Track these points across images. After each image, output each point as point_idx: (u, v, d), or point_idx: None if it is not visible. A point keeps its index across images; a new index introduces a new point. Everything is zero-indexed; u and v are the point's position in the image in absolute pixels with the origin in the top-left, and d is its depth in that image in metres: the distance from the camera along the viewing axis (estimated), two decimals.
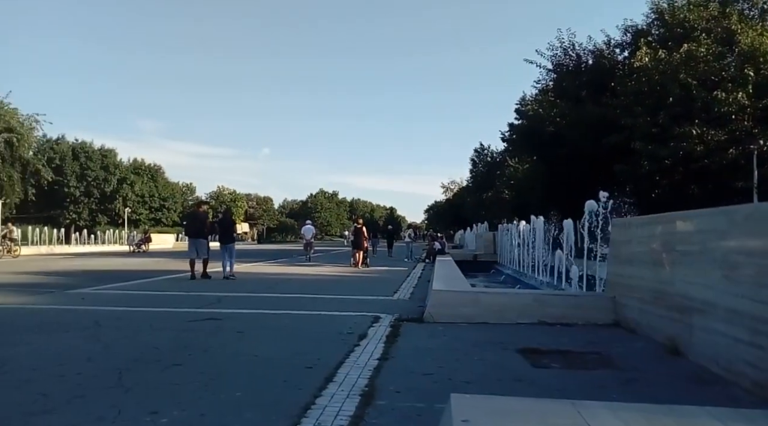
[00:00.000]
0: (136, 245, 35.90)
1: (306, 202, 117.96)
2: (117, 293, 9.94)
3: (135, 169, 70.83)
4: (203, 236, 13.45)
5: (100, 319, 6.81)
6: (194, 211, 14.83)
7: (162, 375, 4.17)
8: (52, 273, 15.58)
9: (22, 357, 4.67)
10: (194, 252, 13.22)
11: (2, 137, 37.91)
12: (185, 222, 16.22)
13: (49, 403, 3.38)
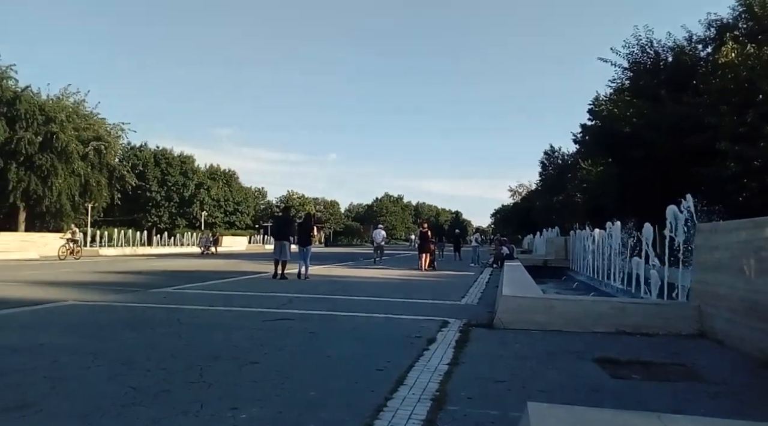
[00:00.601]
0: (205, 247, 37.43)
1: (371, 205, 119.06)
2: (196, 293, 10.41)
3: (211, 174, 74.18)
4: (288, 239, 14.30)
5: (182, 317, 7.16)
6: (281, 215, 15.61)
7: (240, 372, 4.33)
8: (135, 272, 16.55)
9: (113, 351, 4.98)
10: (278, 253, 14.09)
11: (92, 145, 40.72)
12: (273, 225, 17.20)
13: (138, 396, 3.59)
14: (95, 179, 41.69)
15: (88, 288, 11.01)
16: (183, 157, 69.26)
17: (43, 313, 7.41)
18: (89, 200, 42.84)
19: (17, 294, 9.72)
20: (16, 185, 36.48)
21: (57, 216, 41.75)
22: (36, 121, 36.79)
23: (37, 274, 15.32)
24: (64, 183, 38.77)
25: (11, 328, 6.23)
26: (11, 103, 36.18)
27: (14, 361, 4.50)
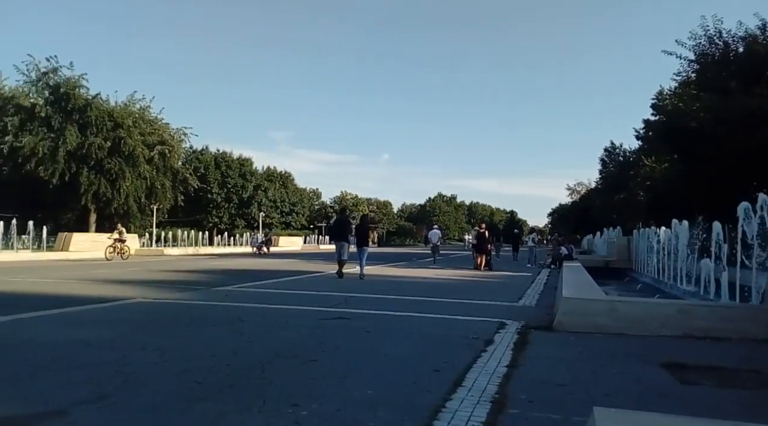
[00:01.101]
0: (258, 247, 38.38)
1: (424, 205, 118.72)
2: (255, 291, 10.70)
3: (268, 176, 76.14)
4: (347, 239, 14.82)
5: (243, 314, 7.37)
6: (339, 217, 16.17)
7: (300, 369, 4.41)
8: (198, 271, 17.17)
9: (179, 347, 5.18)
10: (339, 253, 14.62)
11: (157, 149, 42.55)
12: (331, 226, 17.85)
13: (203, 390, 3.72)
14: (160, 182, 43.55)
15: (154, 286, 11.51)
16: (242, 159, 71.43)
17: (114, 310, 7.80)
18: (154, 202, 44.80)
19: (90, 292, 10.28)
20: (87, 188, 38.58)
21: (125, 217, 43.88)
22: (105, 127, 38.79)
23: (107, 272, 16.16)
24: (131, 186, 40.70)
25: (85, 324, 6.59)
26: (83, 111, 38.29)
27: (89, 355, 4.75)
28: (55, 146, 36.82)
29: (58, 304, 7.95)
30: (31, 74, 38.42)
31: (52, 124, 37.16)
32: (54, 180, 36.88)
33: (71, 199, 39.73)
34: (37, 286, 11.32)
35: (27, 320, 6.59)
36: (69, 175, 37.61)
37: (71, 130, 37.40)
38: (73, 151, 37.45)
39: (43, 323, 6.51)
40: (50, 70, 38.21)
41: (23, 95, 38.54)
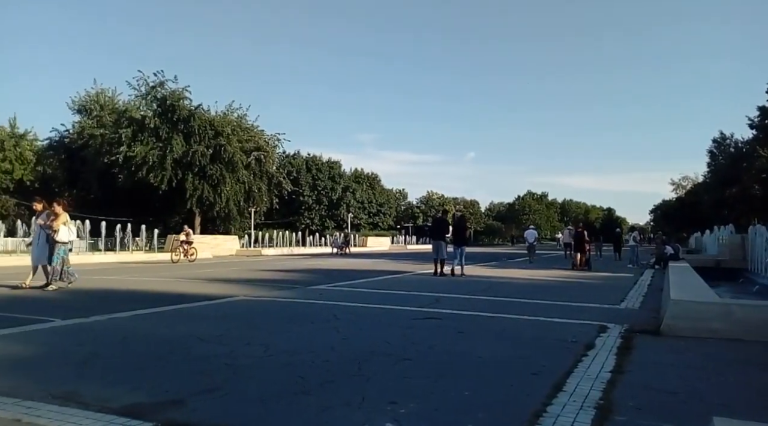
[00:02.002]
0: (339, 247, 39.14)
1: (513, 204, 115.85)
2: (348, 290, 10.97)
3: (356, 178, 77.78)
4: (443, 239, 15.26)
5: (337, 313, 7.59)
6: (438, 217, 16.68)
7: (395, 368, 4.47)
8: (293, 271, 17.87)
9: (281, 343, 5.42)
10: (436, 252, 15.12)
11: (254, 155, 44.79)
12: (430, 226, 18.64)
13: (306, 385, 3.87)
14: (257, 186, 45.79)
15: (254, 285, 12.12)
16: (331, 162, 73.56)
17: (220, 307, 8.30)
18: (252, 205, 47.18)
19: (197, 290, 11.02)
20: (192, 193, 41.34)
21: (226, 220, 46.59)
22: (207, 136, 41.37)
23: (212, 272, 17.22)
24: (231, 190, 43.13)
25: (195, 319, 7.07)
26: (187, 121, 41.07)
27: (201, 349, 5.10)
28: (163, 155, 39.77)
29: (171, 301, 8.60)
30: (141, 88, 41.80)
31: (160, 134, 40.17)
32: (163, 186, 39.86)
33: (178, 204, 42.75)
34: (150, 285, 12.29)
35: (145, 316, 7.17)
36: (176, 181, 40.49)
37: (177, 139, 40.23)
38: (178, 158, 40.28)
39: (159, 319, 7.06)
40: (157, 84, 41.34)
41: (135, 108, 42.00)
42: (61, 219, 10.74)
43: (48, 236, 10.64)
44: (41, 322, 6.45)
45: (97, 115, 44.80)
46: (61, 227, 10.67)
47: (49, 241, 10.62)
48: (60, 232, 10.61)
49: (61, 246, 10.65)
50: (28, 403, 3.27)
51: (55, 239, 10.56)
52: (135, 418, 3.03)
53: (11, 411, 3.13)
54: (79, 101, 46.91)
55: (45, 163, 49.31)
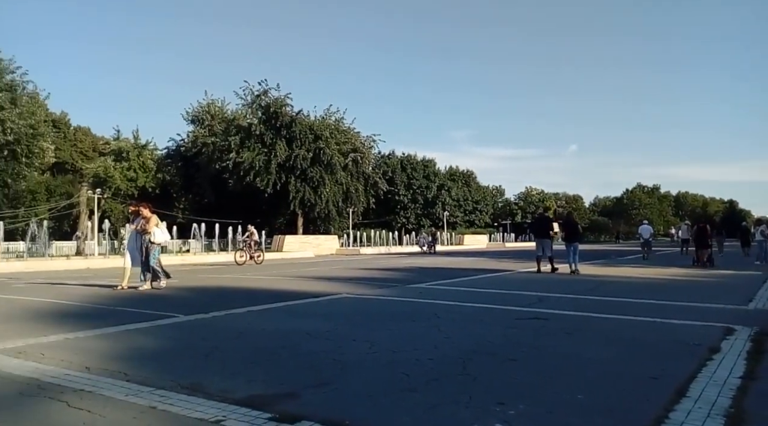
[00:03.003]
0: (429, 246, 38.85)
1: (621, 198, 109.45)
2: (447, 289, 10.93)
3: (451, 176, 77.33)
4: (548, 236, 15.32)
5: (438, 311, 7.59)
6: (540, 215, 16.72)
7: (500, 368, 4.39)
8: (391, 269, 18.11)
9: (385, 340, 5.51)
10: (540, 250, 15.22)
11: (351, 157, 45.96)
12: (532, 224, 18.71)
13: (411, 382, 3.91)
14: (354, 187, 46.95)
15: (355, 283, 12.43)
16: (425, 161, 73.69)
17: (325, 304, 8.61)
18: (350, 205, 48.42)
19: (303, 288, 11.48)
20: (294, 195, 43.21)
21: (326, 220, 48.20)
22: (307, 140, 43.04)
23: (315, 270, 17.88)
24: (330, 191, 44.55)
25: (303, 316, 7.39)
26: (289, 126, 42.98)
27: (309, 344, 5.31)
28: (268, 160, 41.92)
29: (280, 298, 9.04)
30: (247, 97, 44.36)
31: (265, 140, 42.35)
32: (268, 189, 42.02)
33: (282, 206, 44.86)
34: (260, 283, 12.99)
35: (257, 312, 7.60)
36: (279, 184, 42.51)
37: (280, 144, 42.23)
38: (282, 163, 42.26)
39: (270, 315, 7.45)
40: (261, 93, 43.64)
41: (242, 117, 44.65)
42: (153, 221, 11.15)
43: (141, 239, 11.10)
44: (167, 318, 7.04)
45: (209, 124, 48.12)
46: (155, 229, 11.11)
47: (144, 243, 11.07)
48: (155, 234, 11.07)
49: (156, 247, 11.11)
50: (160, 392, 3.59)
51: (151, 241, 10.99)
52: (254, 409, 3.21)
53: (147, 399, 3.44)
54: (193, 112, 50.64)
55: (164, 170, 53.75)
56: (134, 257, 11.13)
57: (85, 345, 5.33)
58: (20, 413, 3.25)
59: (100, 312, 7.92)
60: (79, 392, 3.59)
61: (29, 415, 3.22)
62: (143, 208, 11.42)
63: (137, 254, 11.11)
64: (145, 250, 11.05)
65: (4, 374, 4.12)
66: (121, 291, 10.58)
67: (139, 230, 11.12)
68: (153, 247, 11.04)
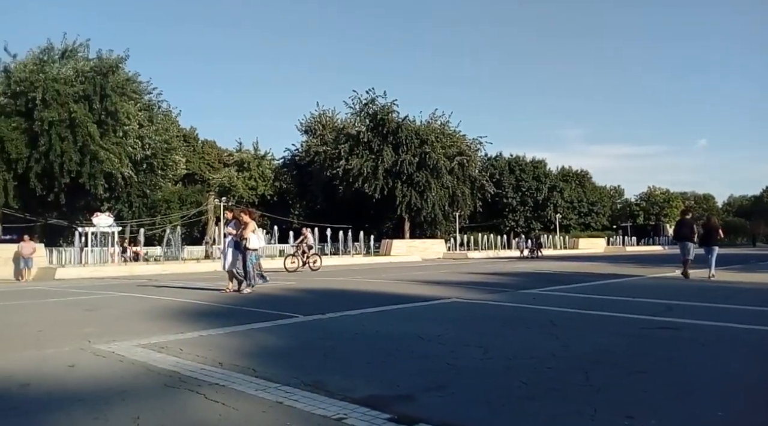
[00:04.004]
0: (531, 250, 37.11)
1: (760, 197, 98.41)
2: (561, 295, 10.48)
3: (563, 176, 74.10)
4: (690, 239, 14.81)
5: (554, 318, 7.30)
6: (682, 218, 16.01)
7: (626, 380, 4.12)
8: (501, 274, 17.71)
9: (499, 346, 5.40)
10: (684, 253, 14.69)
11: (457, 160, 45.74)
12: (675, 227, 18.18)
13: (530, 390, 3.79)
14: (460, 190, 46.66)
15: (464, 287, 12.31)
16: (535, 162, 71.27)
17: (435, 309, 8.62)
18: (456, 209, 48.15)
19: (412, 291, 11.58)
20: (401, 200, 43.82)
21: (432, 224, 48.32)
22: (413, 145, 43.50)
23: (423, 274, 17.97)
24: (436, 195, 44.64)
25: (414, 319, 7.45)
26: (395, 132, 43.73)
27: (422, 348, 5.34)
28: (375, 166, 42.93)
29: (391, 302, 9.20)
30: (355, 106, 45.83)
31: (373, 147, 43.43)
32: (376, 194, 43.01)
33: (389, 210, 45.68)
34: (371, 286, 13.30)
35: (370, 314, 7.78)
36: (387, 189, 43.36)
37: (387, 150, 43.08)
38: (388, 168, 43.07)
39: (383, 317, 7.61)
40: (369, 101, 44.83)
41: (350, 125, 46.20)
42: (250, 227, 11.42)
43: (237, 243, 11.48)
44: (288, 318, 7.43)
45: (320, 133, 50.30)
46: (251, 235, 11.38)
47: (240, 248, 11.42)
48: (251, 240, 11.38)
49: (252, 252, 11.41)
50: (286, 388, 3.79)
51: (246, 246, 11.28)
52: (373, 409, 3.29)
53: (275, 394, 3.65)
54: (306, 123, 53.24)
55: (280, 178, 56.97)
56: (232, 261, 11.51)
57: (217, 342, 5.77)
58: (166, 402, 3.59)
59: (227, 311, 8.55)
60: (214, 386, 3.90)
61: (173, 404, 3.55)
62: (243, 213, 11.83)
63: (234, 258, 11.47)
64: (242, 255, 11.39)
65: (151, 367, 4.58)
66: (234, 293, 11.19)
67: (237, 236, 11.51)
68: (249, 253, 11.35)
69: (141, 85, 35.55)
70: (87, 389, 3.91)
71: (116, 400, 3.62)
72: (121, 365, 4.68)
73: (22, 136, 29.57)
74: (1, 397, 3.75)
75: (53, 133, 29.28)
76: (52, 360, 4.95)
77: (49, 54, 31.69)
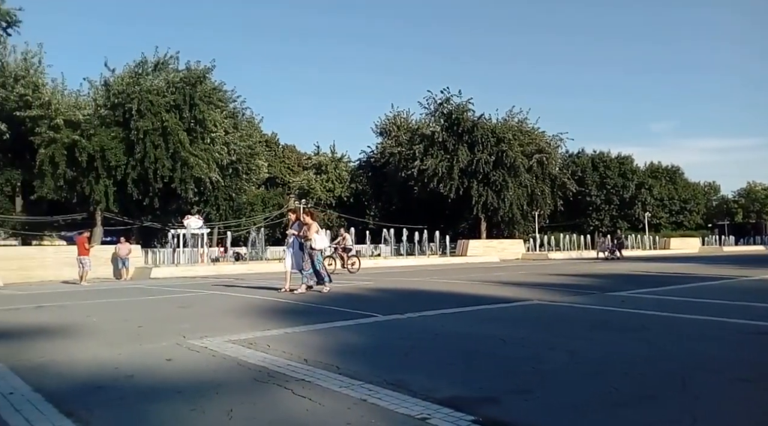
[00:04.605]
0: (611, 251, 35.02)
1: None
2: (653, 298, 9.91)
3: (652, 172, 70.22)
4: None
5: (645, 322, 6.92)
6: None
7: (729, 388, 3.84)
8: (585, 275, 17.01)
9: (587, 350, 5.19)
10: None
11: (535, 158, 44.52)
12: None
13: (621, 397, 3.61)
14: (539, 189, 45.39)
15: (546, 289, 11.94)
16: (621, 158, 67.95)
17: (516, 310, 8.43)
18: (535, 208, 46.87)
19: (490, 292, 11.38)
20: (477, 200, 43.25)
21: (510, 224, 47.30)
22: (489, 144, 42.82)
23: (500, 275, 17.62)
24: (513, 195, 43.68)
25: (494, 321, 7.33)
26: (470, 131, 43.24)
27: (505, 350, 5.24)
28: (450, 166, 42.66)
29: (469, 303, 9.09)
30: (430, 106, 45.77)
31: (447, 146, 43.19)
32: (451, 195, 42.73)
33: (465, 210, 45.22)
34: (449, 286, 13.21)
35: (449, 315, 7.73)
36: (462, 189, 42.97)
37: (462, 149, 42.70)
38: (464, 168, 42.67)
39: (462, 318, 7.54)
40: (444, 101, 44.62)
41: (425, 125, 46.17)
42: (313, 228, 11.44)
43: (301, 244, 11.61)
44: (368, 317, 7.53)
45: (395, 135, 50.64)
46: (315, 236, 11.48)
47: (303, 248, 11.53)
48: (315, 240, 11.47)
49: (317, 252, 11.55)
50: (369, 386, 3.84)
51: (311, 247, 11.40)
52: (457, 410, 3.26)
53: (358, 391, 3.72)
54: (381, 125, 53.79)
55: (356, 180, 57.93)
56: (295, 261, 11.70)
57: (301, 338, 5.95)
58: (256, 396, 3.75)
59: (309, 309, 8.79)
60: (300, 381, 4.02)
61: (262, 398, 3.70)
62: (306, 215, 11.98)
63: (298, 258, 11.65)
64: (309, 256, 11.49)
65: (241, 362, 4.79)
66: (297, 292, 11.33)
67: (300, 236, 11.67)
68: (315, 253, 11.48)
69: (226, 94, 37.38)
70: (184, 382, 4.16)
71: (211, 393, 3.82)
72: (213, 360, 4.93)
73: (120, 145, 31.92)
74: (111, 387, 4.06)
75: (148, 142, 31.39)
76: (152, 354, 5.31)
77: (143, 67, 33.99)
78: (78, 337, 6.48)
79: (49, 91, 31.01)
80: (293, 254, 11.78)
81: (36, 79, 31.07)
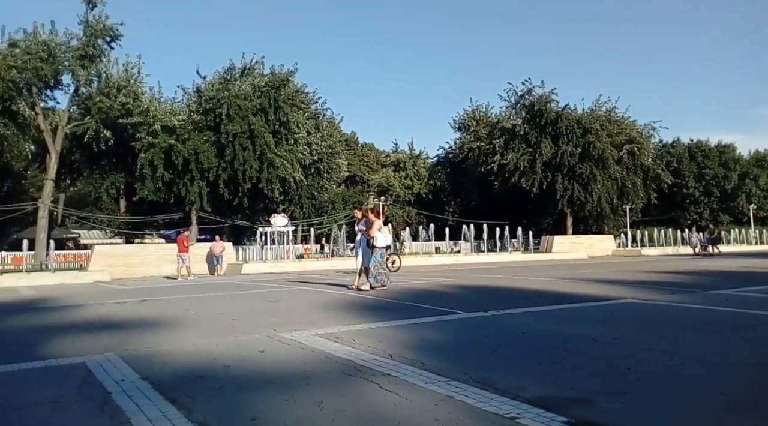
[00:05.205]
0: (701, 247, 32.06)
1: None
2: (761, 296, 9.13)
3: (757, 161, 64.53)
4: None
5: (754, 322, 6.41)
6: None
7: None
8: (683, 272, 15.93)
9: (687, 352, 4.86)
10: None
11: (626, 149, 42.26)
12: None
13: (730, 402, 3.36)
14: (631, 181, 43.09)
15: (639, 287, 11.30)
16: (721, 146, 62.92)
17: (607, 309, 8.05)
18: (626, 202, 44.54)
19: (579, 290, 10.93)
20: (562, 194, 41.67)
21: (598, 219, 45.27)
22: (575, 135, 41.10)
23: (589, 272, 16.89)
24: (602, 188, 41.71)
25: (584, 320, 7.04)
26: (554, 123, 41.70)
27: (596, 350, 5.02)
28: (533, 159, 41.40)
29: (556, 301, 8.80)
30: (510, 99, 44.64)
31: (529, 139, 41.94)
32: (534, 189, 41.46)
33: (549, 205, 43.73)
34: (533, 283, 12.84)
35: (535, 313, 7.52)
36: (546, 183, 41.56)
37: (545, 142, 41.29)
38: (547, 161, 41.25)
39: (549, 316, 7.31)
40: (525, 92, 43.34)
41: (506, 119, 45.06)
42: (375, 225, 11.49)
43: (368, 241, 11.58)
44: (450, 314, 7.48)
45: (474, 129, 49.83)
46: (377, 233, 11.48)
47: (369, 245, 11.53)
48: (377, 238, 11.47)
49: (378, 250, 11.50)
50: (455, 383, 3.81)
51: (373, 245, 11.40)
52: (548, 410, 3.17)
53: (444, 388, 3.70)
54: (459, 120, 53.14)
55: (435, 177, 57.66)
56: (364, 258, 11.71)
57: (384, 334, 6.02)
58: (344, 389, 3.83)
59: (390, 305, 8.87)
60: (386, 376, 4.07)
61: (350, 391, 3.78)
62: (370, 212, 12.11)
63: (366, 255, 11.66)
64: (372, 252, 11.54)
65: (329, 355, 4.92)
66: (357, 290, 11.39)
67: (364, 233, 11.74)
68: (375, 251, 11.52)
69: (308, 96, 38.46)
70: (276, 373, 4.33)
71: (301, 384, 3.95)
72: (302, 352, 5.10)
73: (212, 148, 33.73)
74: (210, 377, 4.31)
75: (236, 144, 32.95)
76: (246, 346, 5.57)
77: (231, 73, 35.67)
78: (178, 329, 6.92)
79: (147, 99, 33.31)
80: (362, 251, 11.94)
81: (136, 88, 33.46)
